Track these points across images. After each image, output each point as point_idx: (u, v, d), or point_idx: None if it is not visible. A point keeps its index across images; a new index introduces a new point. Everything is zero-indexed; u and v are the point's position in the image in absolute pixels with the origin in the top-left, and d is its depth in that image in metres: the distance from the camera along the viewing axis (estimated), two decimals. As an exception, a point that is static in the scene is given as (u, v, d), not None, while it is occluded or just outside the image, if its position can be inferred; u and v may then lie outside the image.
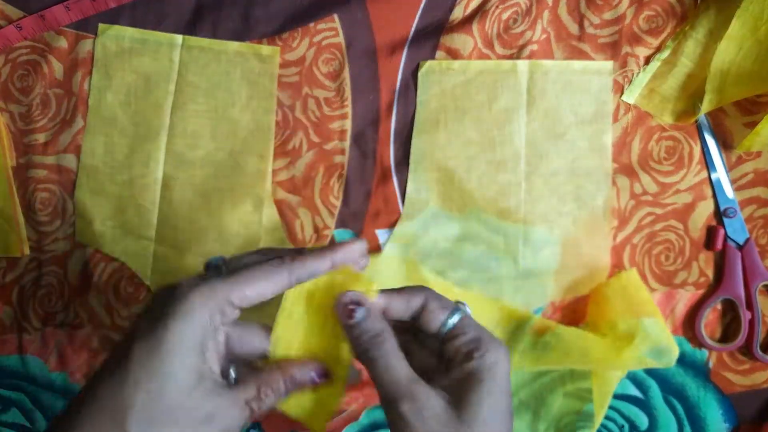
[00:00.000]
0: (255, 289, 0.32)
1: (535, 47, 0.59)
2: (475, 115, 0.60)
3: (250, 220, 0.62)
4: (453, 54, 0.60)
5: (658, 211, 0.59)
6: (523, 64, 0.59)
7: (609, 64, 0.59)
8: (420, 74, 0.60)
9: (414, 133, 0.61)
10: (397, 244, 0.60)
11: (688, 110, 0.58)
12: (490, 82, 0.60)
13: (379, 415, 0.61)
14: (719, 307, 0.58)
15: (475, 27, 0.60)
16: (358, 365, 0.41)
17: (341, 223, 0.61)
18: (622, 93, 0.59)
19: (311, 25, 0.61)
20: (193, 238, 0.62)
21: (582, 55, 0.59)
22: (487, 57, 0.60)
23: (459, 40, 0.60)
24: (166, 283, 0.33)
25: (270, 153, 0.62)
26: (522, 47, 0.59)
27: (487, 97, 0.60)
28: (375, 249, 0.61)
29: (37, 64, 0.63)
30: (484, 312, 0.56)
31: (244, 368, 0.34)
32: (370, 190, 0.61)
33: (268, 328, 0.35)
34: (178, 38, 0.62)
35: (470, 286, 0.59)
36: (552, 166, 0.59)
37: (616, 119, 0.59)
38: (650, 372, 0.58)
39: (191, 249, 0.62)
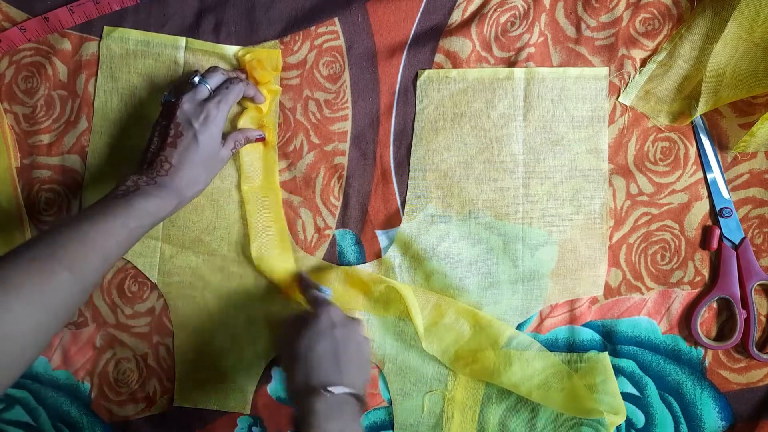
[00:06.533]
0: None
1: (532, 50, 0.60)
2: (473, 121, 0.60)
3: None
4: (451, 57, 0.61)
5: (654, 211, 0.59)
6: (519, 72, 0.60)
7: (604, 71, 0.60)
8: (419, 83, 0.61)
9: (413, 141, 0.61)
10: (398, 246, 0.61)
11: (683, 112, 0.59)
12: (488, 89, 0.60)
13: (378, 417, 0.61)
14: (715, 305, 0.59)
15: (473, 30, 0.60)
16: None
17: (342, 223, 0.62)
18: (618, 95, 0.60)
19: (312, 28, 0.62)
20: (200, 237, 0.62)
21: (579, 57, 0.60)
22: (485, 60, 0.61)
23: (457, 44, 0.60)
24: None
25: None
26: (519, 50, 0.60)
27: (485, 103, 0.60)
28: (376, 250, 0.62)
29: (41, 66, 0.63)
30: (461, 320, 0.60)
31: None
32: (370, 191, 0.62)
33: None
34: (182, 40, 0.63)
35: (468, 288, 0.60)
36: (549, 169, 0.60)
37: (612, 121, 0.60)
38: (647, 370, 0.59)
39: (198, 248, 0.62)
